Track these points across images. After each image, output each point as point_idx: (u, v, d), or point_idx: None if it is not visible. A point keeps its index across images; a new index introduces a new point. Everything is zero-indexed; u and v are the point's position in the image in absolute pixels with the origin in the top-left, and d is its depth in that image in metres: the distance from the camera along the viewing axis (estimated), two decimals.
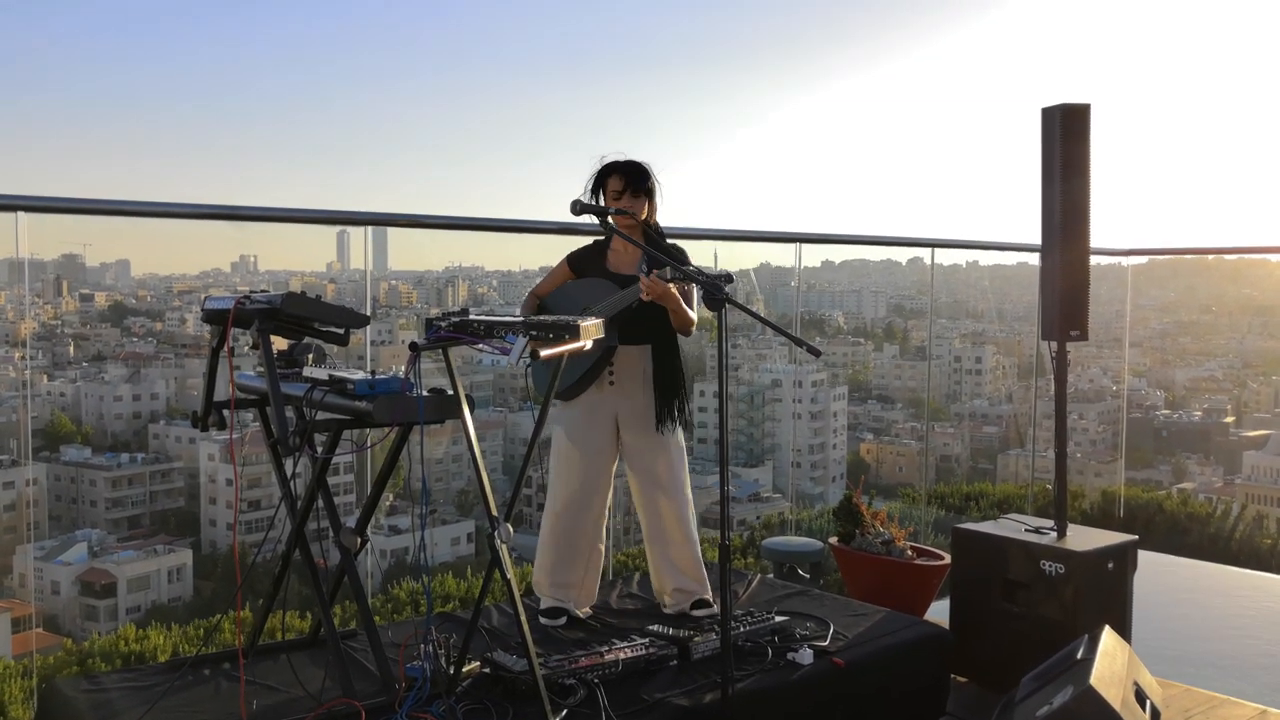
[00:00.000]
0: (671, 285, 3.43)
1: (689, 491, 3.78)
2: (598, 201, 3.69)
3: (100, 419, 28.55)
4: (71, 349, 29.88)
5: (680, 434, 3.75)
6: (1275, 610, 5.35)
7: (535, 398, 3.57)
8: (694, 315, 3.61)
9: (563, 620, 3.64)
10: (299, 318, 2.79)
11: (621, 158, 3.70)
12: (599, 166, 3.71)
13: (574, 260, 3.80)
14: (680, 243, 3.87)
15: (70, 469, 26.95)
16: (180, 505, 27.39)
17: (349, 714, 2.70)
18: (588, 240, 3.88)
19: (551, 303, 3.76)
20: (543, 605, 3.70)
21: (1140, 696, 2.98)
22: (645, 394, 3.67)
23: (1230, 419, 29.43)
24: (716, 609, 3.64)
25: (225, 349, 2.83)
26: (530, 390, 3.61)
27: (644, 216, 3.68)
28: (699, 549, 3.79)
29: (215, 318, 2.83)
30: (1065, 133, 4.14)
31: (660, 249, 3.62)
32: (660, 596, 3.85)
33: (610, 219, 3.34)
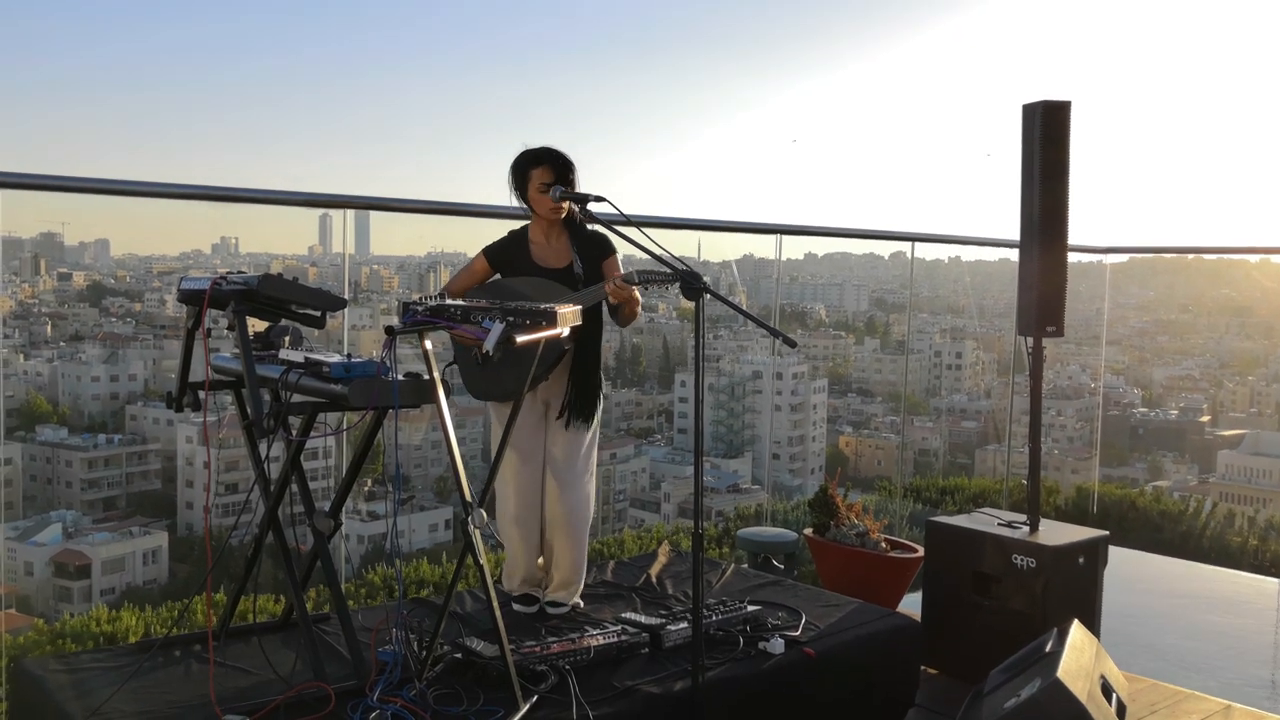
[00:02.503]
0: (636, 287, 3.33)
1: (590, 488, 3.64)
2: (523, 194, 3.51)
3: (77, 399, 28.38)
4: (49, 328, 29.68)
5: (595, 427, 3.63)
6: (1242, 607, 5.41)
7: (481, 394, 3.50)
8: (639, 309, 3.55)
9: (535, 608, 3.64)
10: (275, 300, 2.78)
11: (537, 145, 3.49)
12: (521, 155, 3.49)
13: (493, 255, 3.56)
14: (661, 233, 3.76)
15: (46, 449, 26.78)
16: (156, 487, 27.27)
17: (319, 697, 2.70)
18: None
19: None
20: (515, 592, 3.70)
21: (1106, 690, 3.01)
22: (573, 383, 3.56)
23: (1206, 418, 29.71)
24: (568, 608, 3.62)
25: (201, 330, 2.82)
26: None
27: (566, 208, 3.51)
28: (583, 549, 3.66)
29: (191, 298, 2.81)
30: (1045, 129, 4.14)
31: (584, 238, 3.56)
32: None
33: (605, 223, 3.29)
